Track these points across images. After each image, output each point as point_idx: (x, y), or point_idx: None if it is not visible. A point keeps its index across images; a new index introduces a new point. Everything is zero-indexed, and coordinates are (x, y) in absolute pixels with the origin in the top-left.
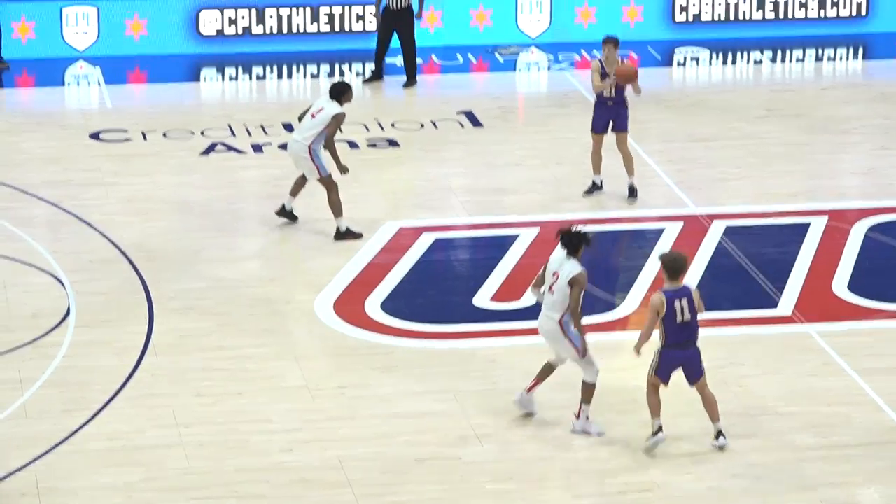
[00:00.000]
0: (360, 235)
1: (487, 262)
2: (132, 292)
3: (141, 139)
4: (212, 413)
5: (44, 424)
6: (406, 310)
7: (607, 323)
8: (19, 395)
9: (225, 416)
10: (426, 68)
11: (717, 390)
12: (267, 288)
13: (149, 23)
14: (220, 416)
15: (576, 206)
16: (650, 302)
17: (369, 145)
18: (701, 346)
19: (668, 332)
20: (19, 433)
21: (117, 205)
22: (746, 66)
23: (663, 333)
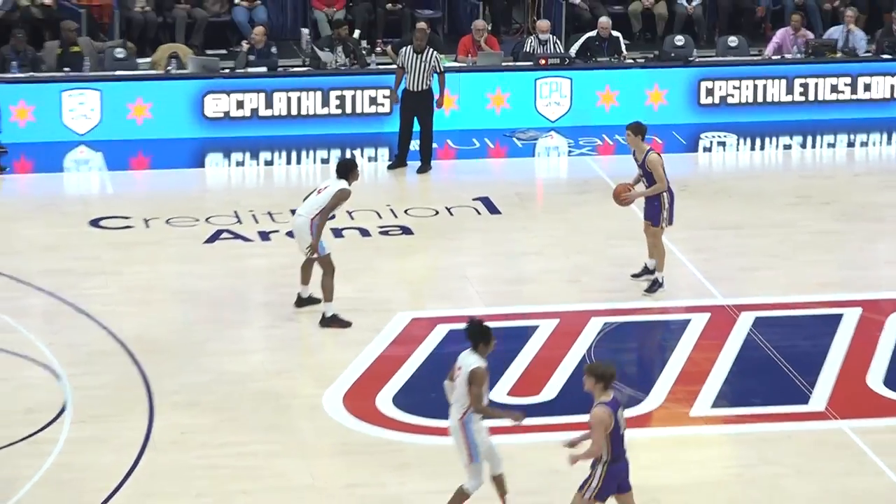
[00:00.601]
0: (348, 324)
1: (505, 354)
2: (132, 386)
3: (143, 227)
4: None
5: None
6: (419, 405)
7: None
8: (13, 494)
9: None
10: (441, 153)
11: (747, 491)
12: (273, 381)
13: (153, 106)
14: None
15: (597, 296)
16: (597, 418)
17: (381, 233)
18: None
19: (615, 446)
20: None
21: (118, 295)
22: (775, 151)
23: (609, 448)
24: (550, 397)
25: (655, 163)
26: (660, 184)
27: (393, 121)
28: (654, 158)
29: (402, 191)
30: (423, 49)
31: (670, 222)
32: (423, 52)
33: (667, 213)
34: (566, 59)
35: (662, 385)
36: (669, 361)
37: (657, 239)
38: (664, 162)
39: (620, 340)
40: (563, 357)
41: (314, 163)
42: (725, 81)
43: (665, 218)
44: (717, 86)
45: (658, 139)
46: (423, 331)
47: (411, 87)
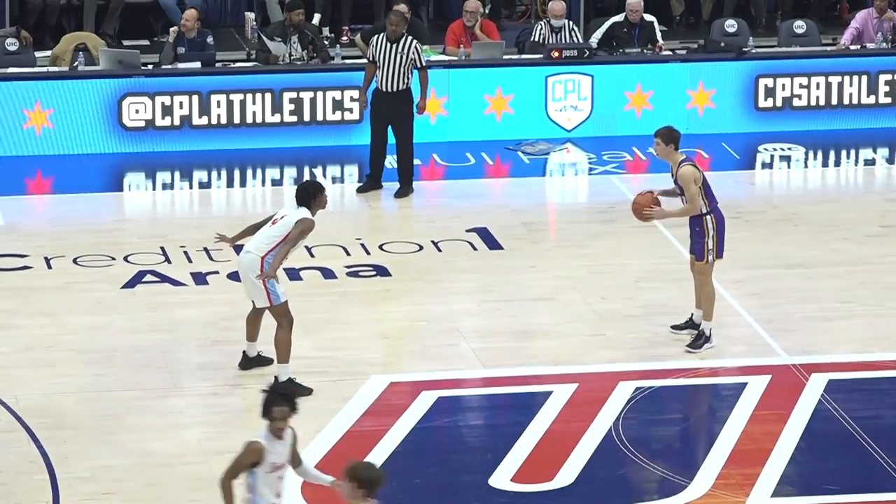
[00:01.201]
0: (308, 391)
1: (509, 428)
2: (31, 472)
3: (44, 267)
4: None
5: None
6: (399, 494)
7: None
8: None
9: None
10: (425, 171)
11: None
12: (213, 464)
13: (55, 112)
14: None
15: (625, 354)
16: None
17: (350, 274)
18: None
19: None
20: None
21: (12, 355)
22: (854, 167)
23: None
24: (567, 483)
25: (688, 177)
26: (691, 205)
27: (363, 130)
28: (688, 172)
29: (377, 220)
30: (399, 38)
31: (719, 255)
32: (399, 42)
33: (713, 243)
34: (586, 50)
35: (711, 467)
36: (720, 437)
37: (705, 277)
38: (705, 178)
39: (656, 410)
40: (584, 432)
41: (263, 185)
42: (790, 78)
43: (711, 249)
44: (780, 84)
45: (703, 153)
46: (404, 398)
47: (384, 86)
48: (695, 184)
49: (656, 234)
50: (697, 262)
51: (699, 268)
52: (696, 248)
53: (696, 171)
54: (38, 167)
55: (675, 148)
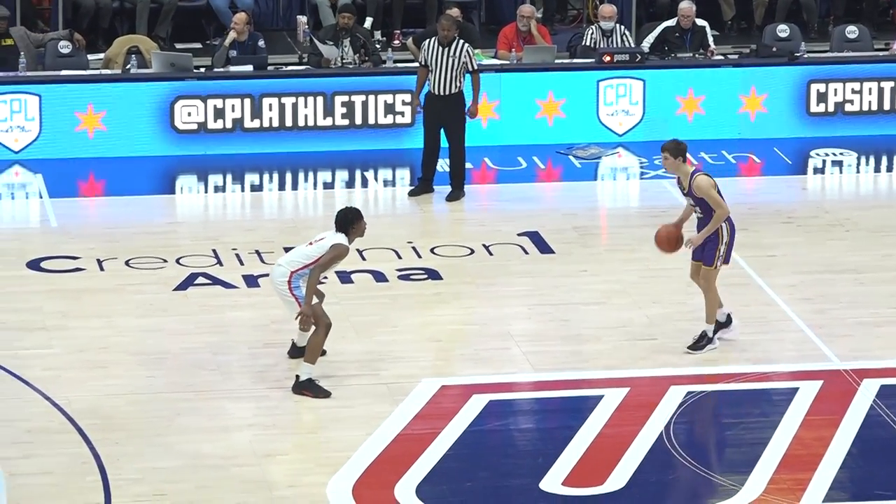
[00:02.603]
0: (327, 394)
1: (560, 432)
2: (83, 473)
3: (96, 269)
4: None
5: None
6: (450, 496)
7: None
8: None
9: None
10: (477, 175)
11: None
12: (263, 467)
13: (107, 115)
14: None
15: (678, 360)
16: None
17: (401, 277)
18: None
19: None
20: None
21: (64, 356)
22: None
23: None
24: (617, 487)
25: (706, 186)
26: (720, 210)
27: (415, 134)
28: (704, 181)
29: (428, 224)
30: (451, 42)
31: (726, 260)
32: (451, 46)
33: (725, 249)
34: (637, 54)
35: (762, 472)
36: (771, 442)
37: (710, 283)
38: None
39: (708, 415)
40: (635, 436)
41: (314, 188)
42: (842, 83)
43: (721, 255)
44: (832, 89)
45: (755, 157)
46: (455, 402)
47: (436, 90)
48: (713, 189)
49: None
50: (706, 266)
51: (706, 273)
52: (708, 254)
53: (711, 179)
54: (91, 170)
55: (683, 160)
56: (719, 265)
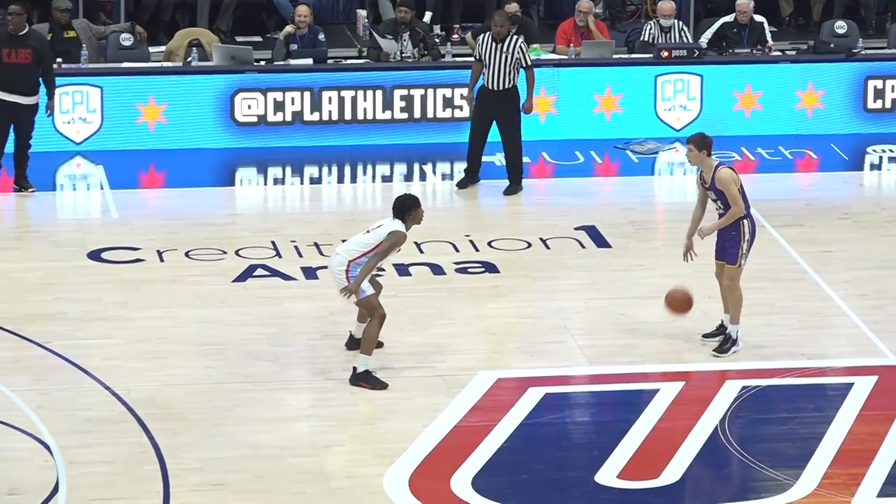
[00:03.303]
0: (384, 386)
1: (615, 425)
2: (142, 462)
3: (156, 260)
4: None
5: None
6: (505, 488)
7: None
8: None
9: None
10: (534, 169)
11: None
12: (321, 458)
13: (168, 107)
14: None
15: (734, 355)
16: None
17: (458, 270)
18: None
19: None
20: None
21: (124, 347)
22: None
23: None
24: (672, 481)
25: (728, 180)
26: (735, 208)
27: None
28: (727, 174)
29: (486, 217)
30: (504, 37)
31: (747, 258)
32: (504, 42)
33: (746, 247)
34: (695, 50)
35: (817, 466)
36: (826, 437)
37: (734, 282)
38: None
39: (763, 409)
40: (690, 430)
41: (373, 181)
42: None
43: (744, 253)
44: (889, 86)
45: (812, 153)
46: (512, 394)
47: (490, 85)
48: (734, 185)
49: (765, 234)
50: (729, 265)
51: (729, 272)
52: (730, 253)
53: (734, 174)
54: (151, 161)
55: (707, 154)
56: (743, 263)
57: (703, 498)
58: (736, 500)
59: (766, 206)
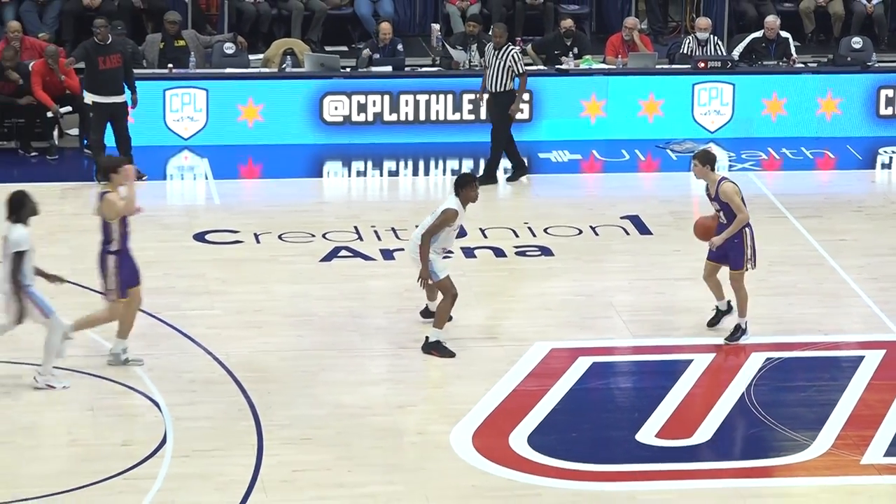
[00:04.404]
0: (451, 355)
1: (654, 391)
2: (239, 418)
3: (253, 242)
4: None
5: None
6: (557, 445)
7: (795, 465)
8: None
9: None
10: (585, 165)
11: None
12: (396, 416)
13: (265, 108)
14: None
15: (758, 329)
16: None
17: (518, 253)
18: None
19: None
20: None
21: (224, 317)
22: None
23: None
24: (704, 440)
25: (731, 192)
26: (741, 215)
27: (532, 128)
28: (729, 187)
29: (542, 207)
30: (501, 47)
31: (755, 264)
32: (502, 49)
33: (751, 252)
34: (728, 62)
35: (830, 429)
36: (839, 403)
37: (739, 283)
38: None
39: (784, 378)
40: (720, 396)
41: (444, 174)
42: None
43: (749, 258)
44: None
45: (830, 153)
46: (563, 363)
47: (488, 86)
48: (737, 196)
49: (788, 224)
50: (733, 270)
51: (735, 275)
52: (734, 259)
53: (736, 186)
54: (250, 155)
55: (711, 169)
56: (749, 267)
57: (730, 455)
58: (759, 457)
59: (788, 200)
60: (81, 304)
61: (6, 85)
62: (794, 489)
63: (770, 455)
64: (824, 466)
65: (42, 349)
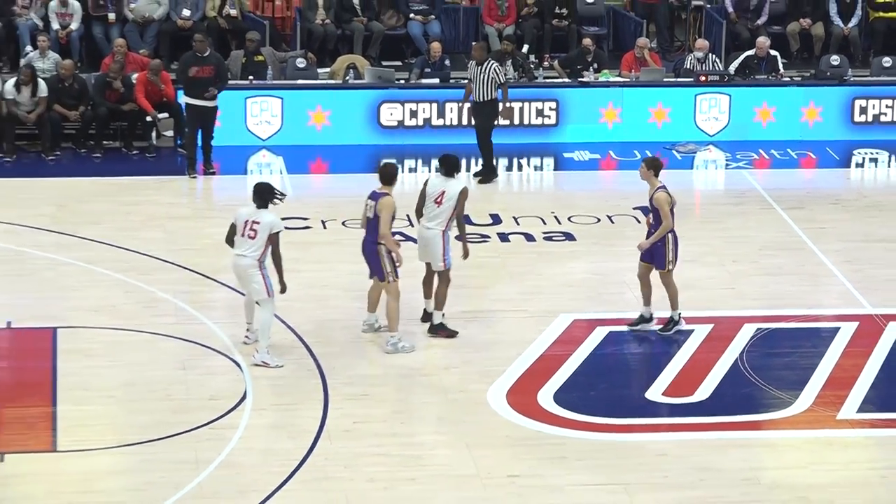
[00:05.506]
0: (455, 334)
1: (660, 356)
2: (308, 377)
3: (320, 227)
4: (384, 498)
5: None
6: (579, 402)
7: (779, 420)
8: (195, 476)
9: (397, 502)
10: (603, 163)
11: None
12: (441, 376)
13: (331, 114)
14: (393, 502)
15: (749, 303)
16: None
17: (545, 238)
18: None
19: None
20: None
21: (296, 290)
22: None
23: None
24: (703, 398)
25: (662, 201)
26: (666, 222)
27: (559, 132)
28: (663, 196)
29: (567, 199)
30: (482, 62)
31: (675, 263)
32: (483, 65)
33: (672, 255)
34: (725, 76)
35: (811, 389)
36: (818, 367)
37: (668, 279)
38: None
39: (772, 346)
40: (716, 361)
41: None
42: (879, 100)
43: (671, 260)
44: (871, 104)
45: (812, 154)
46: (584, 332)
47: (475, 96)
48: (667, 205)
49: (775, 214)
50: (659, 269)
51: (663, 275)
52: (658, 259)
53: (669, 196)
54: (318, 154)
55: (654, 175)
56: (671, 267)
57: (726, 411)
58: (750, 412)
59: (776, 194)
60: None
61: (112, 94)
62: (779, 440)
63: (759, 411)
64: (805, 421)
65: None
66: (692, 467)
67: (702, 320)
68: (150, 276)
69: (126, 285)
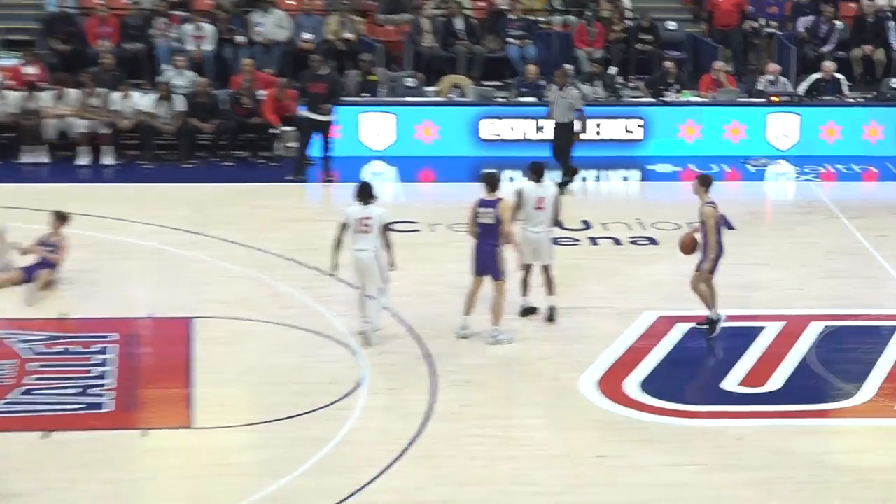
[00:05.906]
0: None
1: (736, 350)
2: (418, 365)
3: (428, 231)
4: (486, 474)
5: (337, 478)
6: (662, 390)
7: (843, 409)
8: (317, 452)
9: (497, 478)
10: (684, 175)
11: None
12: (537, 366)
13: (438, 128)
14: (493, 478)
15: (816, 303)
16: None
17: (631, 242)
18: None
19: None
20: (314, 485)
21: (406, 287)
22: None
23: None
24: (775, 388)
25: (709, 215)
26: (711, 236)
27: (644, 146)
28: (709, 211)
29: (652, 207)
30: (563, 86)
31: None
32: (563, 89)
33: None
34: (795, 97)
35: (873, 381)
36: (879, 362)
37: (707, 283)
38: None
39: (837, 342)
40: (787, 354)
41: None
42: None
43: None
44: None
45: (874, 168)
46: (666, 327)
47: (556, 118)
48: (712, 219)
49: (840, 223)
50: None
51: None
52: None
53: (715, 211)
54: (426, 164)
55: (705, 190)
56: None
57: (795, 401)
58: (818, 402)
59: (841, 204)
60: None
61: (241, 108)
62: (843, 428)
63: (825, 401)
64: (868, 410)
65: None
66: (767, 451)
67: (773, 318)
68: (276, 272)
69: (254, 280)
